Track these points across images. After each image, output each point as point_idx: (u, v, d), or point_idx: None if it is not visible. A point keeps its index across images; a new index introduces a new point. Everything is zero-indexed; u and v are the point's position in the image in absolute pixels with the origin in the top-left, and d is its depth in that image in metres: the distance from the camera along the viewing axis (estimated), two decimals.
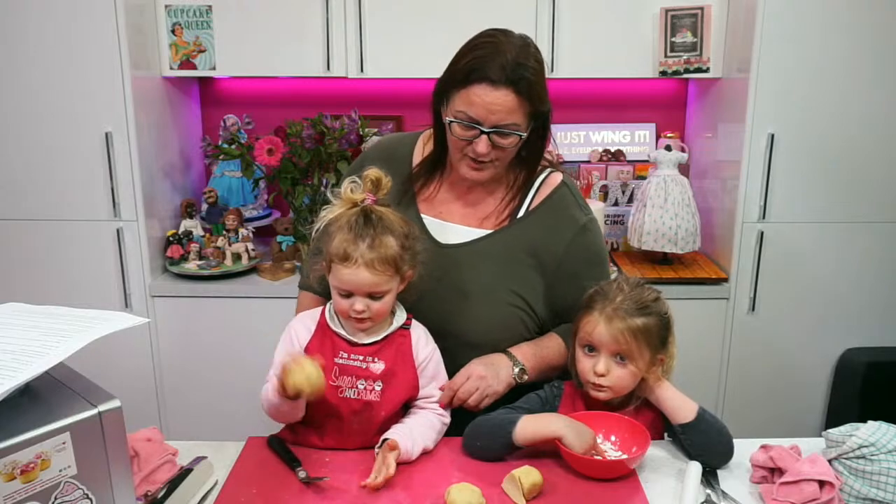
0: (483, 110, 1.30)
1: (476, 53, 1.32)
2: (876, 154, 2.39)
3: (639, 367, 1.32)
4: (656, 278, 2.45)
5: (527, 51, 1.33)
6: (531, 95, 1.32)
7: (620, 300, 1.32)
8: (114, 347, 1.77)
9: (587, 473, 1.26)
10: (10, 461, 0.83)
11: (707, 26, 2.47)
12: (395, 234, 1.28)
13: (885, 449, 1.17)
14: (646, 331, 1.31)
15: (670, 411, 1.34)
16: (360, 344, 1.33)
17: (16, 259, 2.45)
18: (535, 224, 1.46)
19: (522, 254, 1.45)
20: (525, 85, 1.30)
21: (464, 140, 1.35)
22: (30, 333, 0.95)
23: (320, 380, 1.20)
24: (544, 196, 1.47)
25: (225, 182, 2.81)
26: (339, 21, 2.45)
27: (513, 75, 1.29)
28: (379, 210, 1.28)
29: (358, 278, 1.25)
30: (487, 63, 1.29)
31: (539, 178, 1.49)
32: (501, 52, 1.30)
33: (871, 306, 2.51)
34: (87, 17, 2.27)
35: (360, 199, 1.28)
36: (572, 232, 1.46)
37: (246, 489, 1.23)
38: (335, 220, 1.28)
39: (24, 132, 2.36)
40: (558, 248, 1.45)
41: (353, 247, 1.25)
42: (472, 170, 1.39)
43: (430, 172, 1.49)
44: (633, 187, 2.80)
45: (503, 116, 1.31)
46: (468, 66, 1.31)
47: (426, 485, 1.24)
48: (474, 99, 1.30)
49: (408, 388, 1.36)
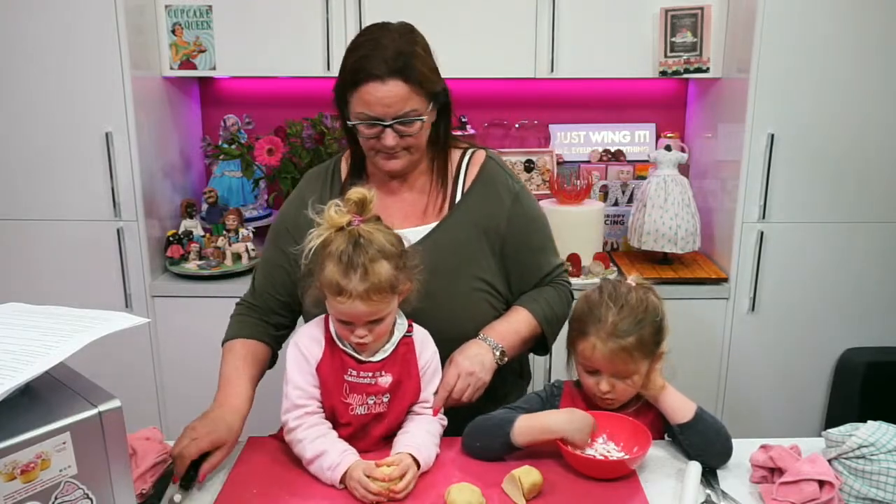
0: (379, 106, 1.33)
1: (358, 54, 1.35)
2: (876, 154, 2.39)
3: (638, 378, 1.33)
4: (656, 278, 2.45)
5: (407, 38, 1.36)
6: (421, 80, 1.35)
7: (612, 321, 1.31)
8: (114, 347, 1.77)
9: (588, 473, 1.27)
10: (10, 461, 0.82)
11: (707, 26, 2.48)
12: (387, 256, 1.23)
13: (884, 449, 1.17)
14: (640, 346, 1.31)
15: (669, 412, 1.34)
16: (367, 361, 1.31)
17: (16, 259, 2.45)
18: (474, 204, 1.48)
19: (471, 236, 1.46)
20: (411, 72, 1.33)
21: (372, 138, 1.38)
22: (30, 333, 0.94)
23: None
24: (474, 175, 1.50)
25: (225, 182, 2.81)
26: (339, 21, 2.45)
27: (396, 65, 1.32)
28: (367, 231, 1.23)
29: (354, 311, 1.22)
30: (370, 61, 1.32)
31: (464, 160, 1.51)
32: (381, 47, 1.33)
33: (871, 306, 2.51)
34: (87, 18, 2.27)
35: (345, 223, 1.24)
36: (510, 201, 1.49)
37: (246, 489, 1.23)
38: (323, 244, 1.23)
39: (24, 132, 2.35)
40: (501, 220, 1.47)
41: (344, 280, 1.20)
42: (389, 160, 1.41)
43: (356, 182, 1.46)
44: (633, 187, 2.80)
45: (400, 107, 1.34)
46: (353, 67, 1.34)
47: (426, 485, 1.24)
48: (367, 98, 1.33)
49: (413, 395, 1.35)
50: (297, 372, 1.31)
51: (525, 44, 2.48)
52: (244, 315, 1.52)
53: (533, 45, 2.48)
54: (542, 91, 2.82)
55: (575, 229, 2.46)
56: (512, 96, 2.83)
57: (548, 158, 2.75)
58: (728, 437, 1.33)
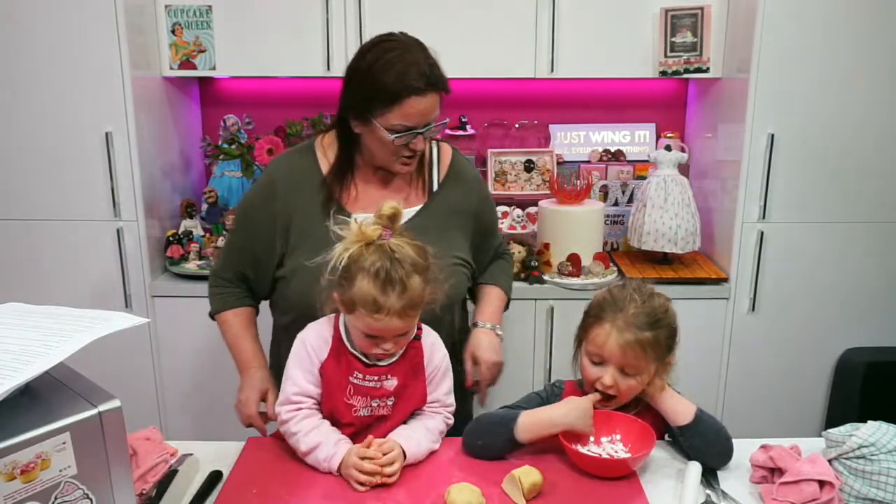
0: (418, 118, 1.43)
1: (395, 71, 1.40)
2: (876, 154, 2.39)
3: (644, 378, 1.33)
4: (656, 278, 2.45)
5: (425, 50, 1.45)
6: (444, 87, 1.46)
7: (633, 312, 1.31)
8: (114, 347, 1.77)
9: (589, 471, 1.27)
10: (10, 461, 0.82)
11: (707, 26, 2.48)
12: (419, 270, 1.25)
13: (885, 449, 1.17)
14: (655, 344, 1.31)
15: (668, 413, 1.34)
16: (374, 364, 1.32)
17: (16, 259, 2.45)
18: (450, 191, 1.62)
19: (449, 219, 1.60)
20: (441, 83, 1.44)
21: (401, 145, 1.47)
22: (30, 333, 0.95)
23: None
24: (447, 166, 1.64)
25: (225, 182, 2.81)
26: (339, 21, 2.45)
27: (431, 79, 1.42)
28: (398, 246, 1.24)
29: (390, 326, 1.24)
30: (410, 77, 1.40)
31: (433, 151, 1.63)
32: (413, 62, 1.41)
33: (871, 306, 2.51)
34: (87, 17, 2.27)
35: (376, 237, 1.24)
36: (477, 187, 1.69)
37: (246, 489, 1.23)
38: (355, 259, 1.23)
39: (24, 132, 2.35)
40: (472, 204, 1.65)
41: (382, 297, 1.21)
42: (406, 164, 1.52)
43: (342, 177, 1.55)
44: (633, 187, 2.80)
45: (432, 115, 1.46)
46: (394, 85, 1.40)
47: (426, 485, 1.24)
48: (410, 111, 1.42)
49: (418, 399, 1.36)
50: (298, 368, 1.32)
51: (525, 44, 2.48)
52: (222, 288, 1.64)
53: (533, 45, 2.48)
54: (542, 91, 2.82)
55: (575, 229, 2.46)
56: (512, 96, 2.83)
57: (548, 158, 2.75)
58: (728, 437, 1.33)
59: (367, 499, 1.21)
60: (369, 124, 1.45)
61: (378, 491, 1.22)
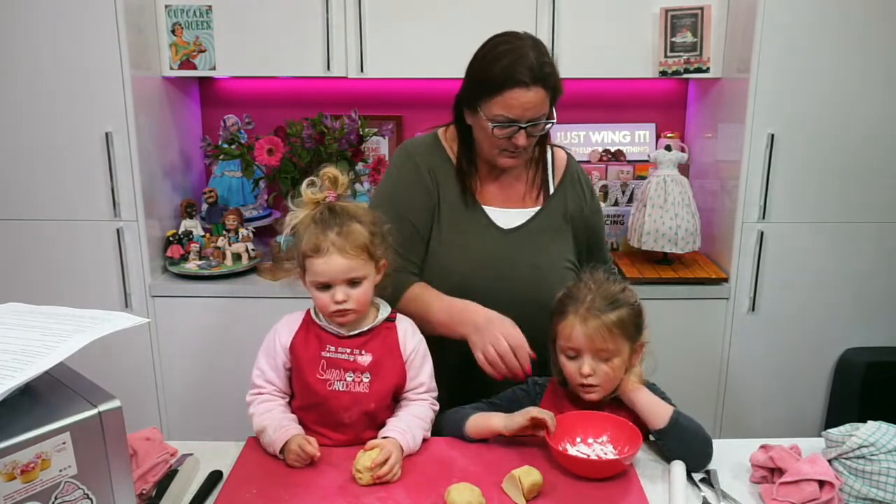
0: (520, 110, 1.45)
1: (503, 63, 1.44)
2: (876, 154, 2.39)
3: (622, 360, 1.35)
4: (656, 278, 2.45)
5: (540, 47, 1.48)
6: (555, 87, 1.48)
7: (591, 299, 1.35)
8: (114, 347, 1.78)
9: (580, 473, 1.27)
10: (10, 461, 0.83)
11: (707, 26, 2.48)
12: (363, 222, 1.32)
13: (884, 449, 1.17)
14: (620, 324, 1.34)
15: (645, 417, 1.35)
16: (346, 336, 1.35)
17: (16, 259, 2.45)
18: (565, 196, 1.66)
19: (563, 223, 1.65)
20: (550, 80, 1.46)
21: (503, 138, 1.49)
22: (30, 333, 0.95)
23: None
24: (562, 171, 1.68)
25: (225, 182, 2.81)
26: (339, 21, 2.45)
27: (540, 74, 1.44)
28: (341, 204, 1.34)
29: (332, 266, 1.29)
30: (516, 69, 1.43)
31: (548, 155, 1.67)
32: (524, 56, 1.44)
33: (871, 306, 2.51)
34: (87, 18, 2.27)
35: (322, 198, 1.33)
36: (589, 195, 1.71)
37: (246, 489, 1.24)
38: (300, 223, 1.33)
39: (24, 132, 2.35)
40: (584, 210, 1.68)
41: (322, 237, 1.29)
42: (510, 159, 1.55)
43: (469, 170, 1.61)
44: (632, 187, 2.80)
45: (536, 111, 1.47)
46: (500, 75, 1.44)
47: (426, 485, 1.24)
48: (511, 102, 1.44)
49: (395, 379, 1.38)
50: (264, 355, 1.39)
51: None
52: (402, 272, 1.54)
53: None
54: None
55: None
56: None
57: None
58: (707, 439, 1.33)
59: (367, 499, 1.21)
60: (476, 114, 1.49)
61: (378, 490, 1.23)
